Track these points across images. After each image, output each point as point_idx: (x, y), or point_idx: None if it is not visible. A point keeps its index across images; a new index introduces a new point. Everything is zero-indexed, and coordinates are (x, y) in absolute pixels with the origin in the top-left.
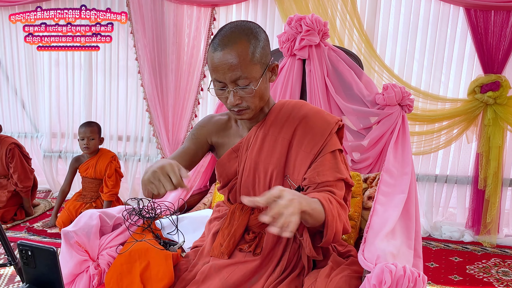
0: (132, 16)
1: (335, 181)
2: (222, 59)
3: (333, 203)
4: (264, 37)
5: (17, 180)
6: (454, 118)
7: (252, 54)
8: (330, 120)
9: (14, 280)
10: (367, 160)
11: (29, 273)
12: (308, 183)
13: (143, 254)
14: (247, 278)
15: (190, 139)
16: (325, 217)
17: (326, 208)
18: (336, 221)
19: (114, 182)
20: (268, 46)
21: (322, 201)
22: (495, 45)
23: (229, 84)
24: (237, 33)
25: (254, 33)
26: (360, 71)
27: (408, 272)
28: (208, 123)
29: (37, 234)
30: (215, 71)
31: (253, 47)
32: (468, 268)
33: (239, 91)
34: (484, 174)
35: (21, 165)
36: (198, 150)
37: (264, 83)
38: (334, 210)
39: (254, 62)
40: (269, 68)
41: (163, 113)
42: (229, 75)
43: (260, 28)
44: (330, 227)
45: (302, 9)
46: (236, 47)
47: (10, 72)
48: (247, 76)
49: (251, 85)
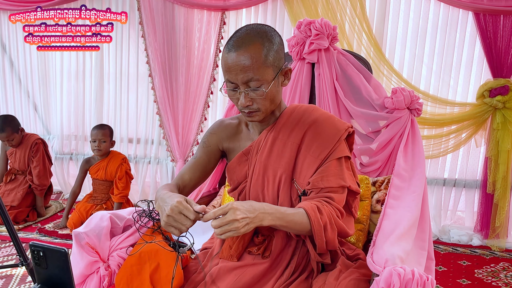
0: (144, 20)
1: (338, 187)
2: (235, 60)
3: (323, 212)
4: (279, 41)
5: (36, 175)
6: (463, 122)
7: (265, 57)
8: (340, 127)
9: (25, 280)
10: (376, 163)
11: (41, 274)
12: (311, 187)
13: (153, 256)
14: (256, 281)
15: (201, 147)
16: (311, 227)
17: (312, 218)
18: (324, 230)
19: (124, 184)
20: (282, 50)
21: (308, 211)
22: (504, 49)
23: (240, 85)
24: (251, 36)
25: (269, 36)
26: (369, 75)
27: (417, 275)
28: (218, 129)
29: (49, 235)
30: (228, 71)
31: (266, 50)
32: (477, 272)
33: (250, 93)
34: (493, 178)
35: (43, 162)
36: (210, 158)
37: (275, 86)
38: (324, 219)
39: (267, 64)
40: (282, 72)
41: (173, 116)
42: (241, 76)
43: (275, 32)
44: (318, 236)
45: (311, 13)
46: (250, 49)
47: (22, 75)
48: (259, 78)
49: (262, 87)
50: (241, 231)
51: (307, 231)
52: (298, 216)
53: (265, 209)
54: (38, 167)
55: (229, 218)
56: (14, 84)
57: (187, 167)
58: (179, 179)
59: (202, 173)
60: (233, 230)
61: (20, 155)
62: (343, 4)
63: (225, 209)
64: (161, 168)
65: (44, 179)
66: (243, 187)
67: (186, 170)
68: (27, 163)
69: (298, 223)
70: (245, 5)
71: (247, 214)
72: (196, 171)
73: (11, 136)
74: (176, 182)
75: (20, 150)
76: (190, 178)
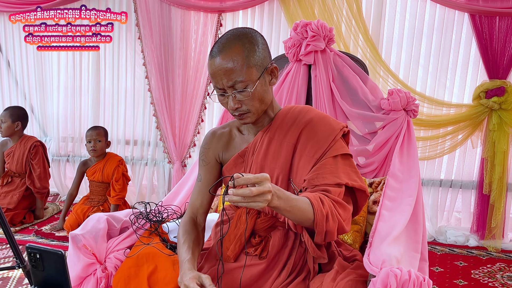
0: (140, 21)
1: (333, 184)
2: (218, 65)
3: (324, 203)
4: (261, 41)
5: (37, 178)
6: (459, 123)
7: (247, 58)
8: (335, 126)
9: (22, 282)
10: (372, 164)
11: (37, 276)
12: (307, 184)
13: (151, 258)
14: (253, 282)
15: (202, 166)
16: (314, 216)
17: (315, 206)
18: (326, 220)
19: (121, 185)
20: (265, 49)
21: (311, 200)
22: (500, 50)
23: (227, 89)
24: (231, 39)
25: (249, 37)
26: (366, 76)
27: (413, 276)
28: (212, 142)
29: (45, 237)
30: (213, 77)
31: (247, 51)
32: (473, 273)
33: (237, 95)
34: (489, 179)
35: (43, 164)
36: (214, 174)
37: (262, 85)
38: (325, 209)
39: (250, 65)
40: (268, 71)
41: (170, 118)
42: (226, 80)
43: (257, 33)
44: (319, 225)
45: (308, 15)
46: (231, 52)
47: (19, 77)
48: (243, 79)
49: (248, 88)
50: (262, 205)
51: (308, 220)
52: (301, 203)
53: (275, 189)
54: (39, 169)
55: (266, 189)
56: (11, 86)
57: (196, 192)
58: (191, 209)
59: (211, 195)
60: (262, 202)
61: (18, 157)
62: (339, 5)
63: (260, 178)
64: (158, 170)
65: (45, 182)
66: None
67: (196, 196)
68: (24, 165)
69: (301, 210)
70: (242, 7)
71: (273, 189)
72: (206, 193)
73: (4, 121)
74: (190, 216)
75: (18, 152)
76: (201, 201)
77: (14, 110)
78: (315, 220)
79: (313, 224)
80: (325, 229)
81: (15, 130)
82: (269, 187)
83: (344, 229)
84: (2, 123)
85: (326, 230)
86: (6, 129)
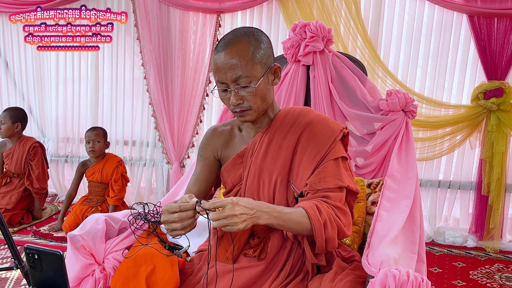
0: (139, 22)
1: (335, 188)
2: (224, 60)
3: (322, 211)
4: (266, 40)
5: (35, 179)
6: (458, 124)
7: (252, 54)
8: (335, 128)
9: (20, 283)
10: (371, 165)
11: (36, 277)
12: (309, 189)
13: (149, 259)
14: (251, 283)
15: (199, 161)
16: (312, 226)
17: (311, 216)
18: (324, 228)
19: (120, 186)
20: (270, 49)
21: (307, 210)
22: (498, 51)
23: (230, 84)
24: (238, 36)
25: (255, 35)
26: (364, 77)
27: (412, 277)
28: (212, 138)
29: (44, 237)
30: (217, 72)
31: (253, 48)
32: (472, 274)
33: (240, 91)
34: (488, 180)
35: (42, 165)
36: (211, 170)
37: (265, 84)
38: (323, 217)
39: (255, 61)
40: (271, 70)
41: (169, 118)
42: (230, 75)
43: (262, 33)
44: (318, 234)
45: (307, 15)
46: (237, 47)
47: (17, 77)
48: (248, 75)
49: (252, 84)
50: (240, 227)
51: (306, 230)
52: (296, 215)
53: (262, 208)
54: (38, 170)
55: (228, 213)
56: (9, 86)
57: (191, 183)
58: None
59: (207, 186)
60: (231, 225)
61: (17, 158)
62: (338, 6)
63: (224, 202)
64: (157, 171)
65: (44, 183)
66: (238, 189)
67: (192, 185)
68: (23, 166)
69: (296, 222)
70: (240, 7)
71: (246, 211)
72: (201, 186)
73: (4, 122)
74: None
75: (17, 153)
76: (197, 191)
77: (14, 111)
78: (313, 230)
79: (312, 233)
80: (325, 236)
81: (15, 131)
82: (231, 212)
83: (345, 234)
84: (2, 124)
85: (326, 238)
86: (6, 130)
